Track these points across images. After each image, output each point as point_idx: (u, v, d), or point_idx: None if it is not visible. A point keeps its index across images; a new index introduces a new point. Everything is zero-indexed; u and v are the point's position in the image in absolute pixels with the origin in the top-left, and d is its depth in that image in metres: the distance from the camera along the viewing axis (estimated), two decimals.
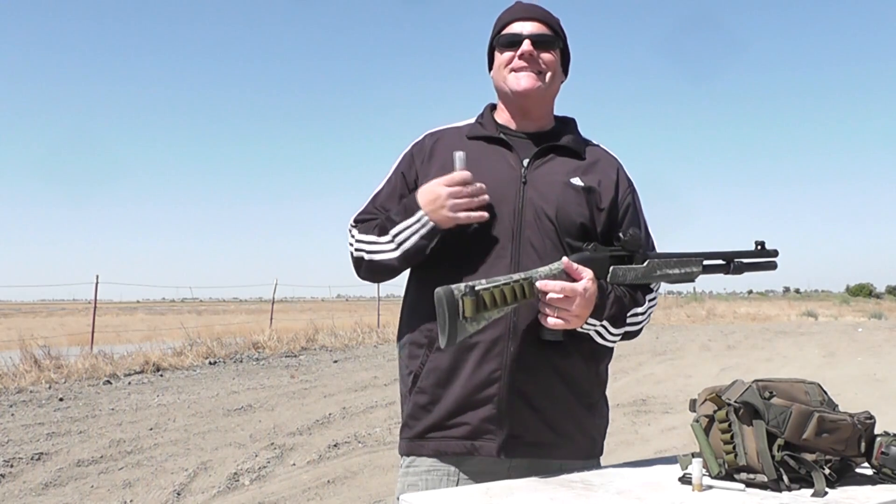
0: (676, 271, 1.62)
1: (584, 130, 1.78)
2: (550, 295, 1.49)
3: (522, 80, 1.65)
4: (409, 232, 1.59)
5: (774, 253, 1.68)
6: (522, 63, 1.65)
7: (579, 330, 1.56)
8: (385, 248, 1.63)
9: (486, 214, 1.56)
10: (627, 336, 1.66)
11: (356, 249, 1.68)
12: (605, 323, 1.58)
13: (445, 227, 1.57)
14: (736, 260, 1.65)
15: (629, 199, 1.72)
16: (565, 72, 1.75)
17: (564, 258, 1.53)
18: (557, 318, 1.50)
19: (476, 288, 1.44)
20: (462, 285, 1.44)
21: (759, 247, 1.66)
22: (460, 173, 1.56)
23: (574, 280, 1.51)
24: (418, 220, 1.58)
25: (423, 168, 1.69)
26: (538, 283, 1.50)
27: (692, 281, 1.64)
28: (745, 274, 1.66)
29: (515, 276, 1.49)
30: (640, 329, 1.68)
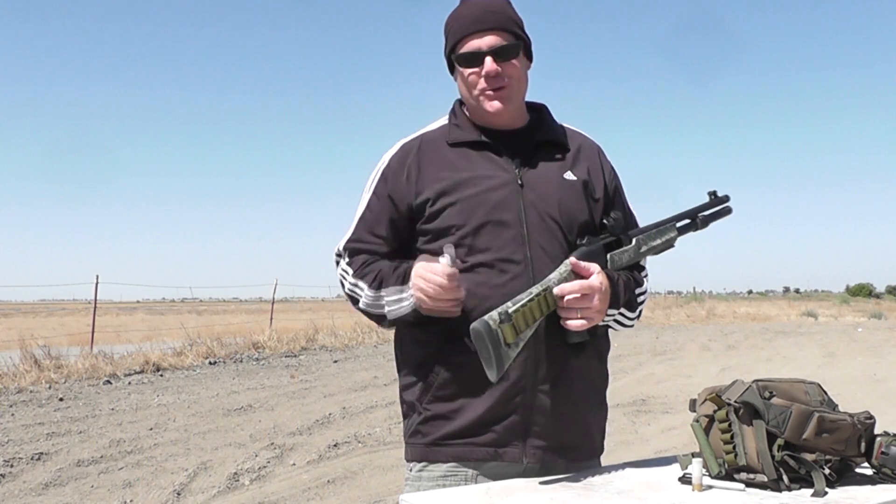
0: (658, 242, 1.66)
1: (585, 131, 1.78)
2: (568, 297, 1.49)
3: (493, 104, 1.61)
4: (398, 304, 1.57)
5: (726, 198, 1.74)
6: (487, 83, 1.60)
7: (601, 323, 1.57)
8: (379, 305, 1.61)
9: (455, 312, 1.52)
10: (639, 316, 1.71)
11: (349, 289, 1.66)
12: (622, 310, 1.61)
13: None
14: (700, 215, 1.70)
15: (615, 182, 1.73)
16: (530, 57, 1.69)
17: (571, 258, 1.53)
18: (582, 318, 1.51)
19: (510, 312, 1.44)
20: (495, 314, 1.44)
21: (712, 196, 1.72)
22: (442, 277, 1.48)
23: (585, 277, 1.51)
24: (409, 296, 1.55)
25: (410, 186, 1.62)
26: (555, 290, 1.49)
27: (672, 247, 1.69)
28: (711, 226, 1.73)
29: (535, 290, 1.48)
30: (643, 307, 1.72)
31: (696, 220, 1.70)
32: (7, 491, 4.97)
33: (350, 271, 1.66)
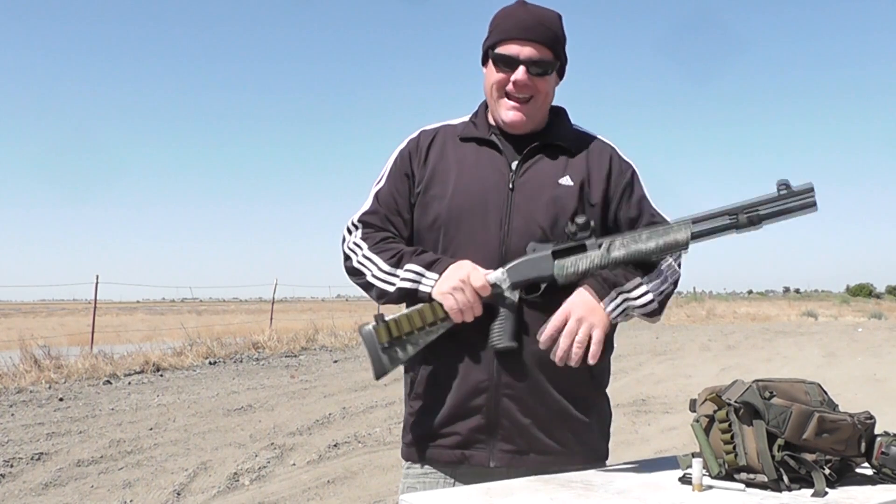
0: (653, 244, 1.48)
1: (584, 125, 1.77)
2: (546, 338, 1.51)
3: (510, 114, 1.61)
4: (414, 280, 1.56)
5: (804, 192, 1.42)
6: (513, 90, 1.59)
7: (617, 320, 1.54)
8: (391, 281, 1.59)
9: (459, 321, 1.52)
10: (656, 305, 1.57)
11: (359, 262, 1.64)
12: (619, 292, 1.54)
13: (432, 300, 1.53)
14: (746, 213, 1.45)
15: (627, 179, 1.65)
16: (562, 75, 1.68)
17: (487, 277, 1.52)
18: (576, 350, 1.49)
19: (386, 318, 1.51)
20: (376, 319, 1.52)
21: (781, 189, 1.43)
22: (486, 285, 1.50)
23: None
24: (429, 278, 1.54)
25: (419, 171, 1.67)
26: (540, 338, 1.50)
27: (683, 249, 1.48)
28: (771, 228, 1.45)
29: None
30: (667, 290, 1.59)
31: (737, 216, 1.45)
32: (7, 491, 4.97)
33: (365, 246, 1.64)
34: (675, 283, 1.61)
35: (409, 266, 1.57)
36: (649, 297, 1.56)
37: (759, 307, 36.01)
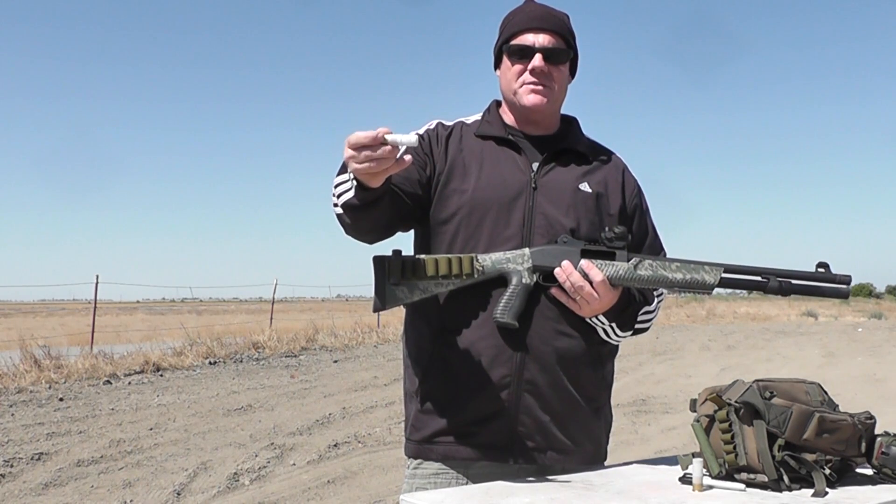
0: (679, 276, 1.53)
1: (586, 130, 1.78)
2: (567, 283, 1.51)
3: (531, 97, 1.62)
4: (344, 185, 1.48)
5: (841, 279, 1.49)
6: (532, 78, 1.61)
7: (588, 321, 1.57)
8: (335, 194, 1.51)
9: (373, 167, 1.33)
10: (636, 333, 1.67)
11: (334, 209, 1.54)
12: (613, 324, 1.60)
13: (368, 183, 1.39)
14: (779, 279, 1.50)
15: (636, 200, 1.71)
16: (573, 73, 1.71)
17: (526, 250, 1.53)
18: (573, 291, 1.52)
19: (404, 255, 1.47)
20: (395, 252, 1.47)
21: (819, 269, 1.51)
22: (365, 135, 1.31)
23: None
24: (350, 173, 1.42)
25: (439, 159, 1.64)
26: (556, 271, 1.51)
27: (707, 290, 1.54)
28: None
29: (463, 255, 1.51)
30: (649, 327, 1.69)
31: (769, 280, 1.50)
32: (7, 491, 4.97)
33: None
34: (648, 327, 1.70)
35: (338, 181, 1.50)
36: (619, 342, 1.68)
37: (759, 307, 36.00)
